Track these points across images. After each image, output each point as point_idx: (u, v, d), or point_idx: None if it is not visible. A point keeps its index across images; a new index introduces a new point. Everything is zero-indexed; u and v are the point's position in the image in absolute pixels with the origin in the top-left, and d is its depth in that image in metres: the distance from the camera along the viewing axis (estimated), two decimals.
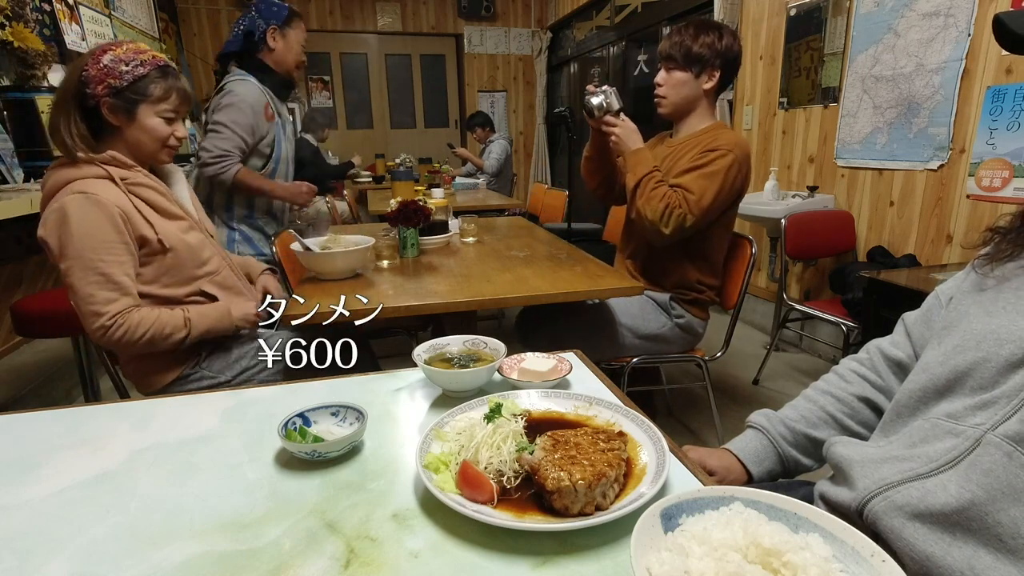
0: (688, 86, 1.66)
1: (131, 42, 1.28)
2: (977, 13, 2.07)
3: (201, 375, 1.36)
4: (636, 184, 1.59)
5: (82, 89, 1.21)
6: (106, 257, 1.18)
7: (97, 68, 1.21)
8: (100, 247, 1.17)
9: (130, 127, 1.26)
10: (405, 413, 0.83)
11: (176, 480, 0.66)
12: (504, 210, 3.57)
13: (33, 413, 0.84)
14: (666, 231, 1.54)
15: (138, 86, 1.23)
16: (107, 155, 1.24)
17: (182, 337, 1.26)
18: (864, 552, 0.42)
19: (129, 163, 1.27)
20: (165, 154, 1.33)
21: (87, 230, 1.16)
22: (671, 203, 1.53)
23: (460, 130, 7.06)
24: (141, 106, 1.25)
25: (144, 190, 1.29)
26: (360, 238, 1.68)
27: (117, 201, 1.20)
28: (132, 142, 1.28)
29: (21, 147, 2.33)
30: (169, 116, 1.29)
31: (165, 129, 1.29)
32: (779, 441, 0.82)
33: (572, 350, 1.01)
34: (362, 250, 1.58)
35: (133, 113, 1.25)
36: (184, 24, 5.86)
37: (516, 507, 0.58)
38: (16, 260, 2.70)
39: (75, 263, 1.16)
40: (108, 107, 1.23)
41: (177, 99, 1.29)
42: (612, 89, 1.66)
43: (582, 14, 5.79)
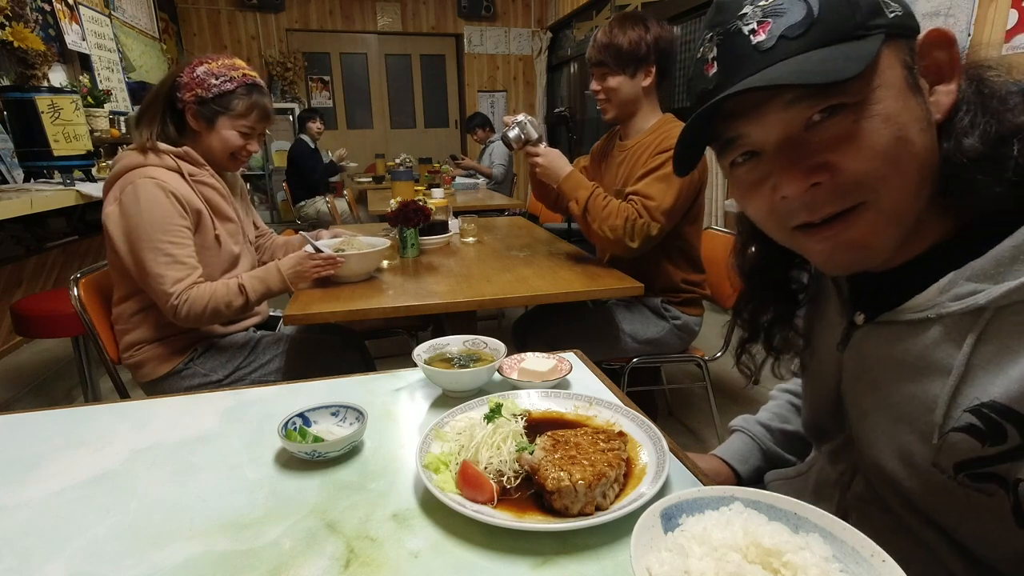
0: (626, 88, 1.58)
1: (229, 57, 1.36)
2: (977, 13, 2.07)
3: (194, 371, 1.37)
4: (583, 209, 1.52)
5: (173, 92, 1.32)
6: (174, 239, 1.24)
7: (190, 76, 1.31)
8: (169, 229, 1.24)
9: (208, 134, 1.35)
10: (405, 413, 0.83)
11: (176, 480, 0.66)
12: (504, 210, 3.57)
13: (33, 413, 0.84)
14: (633, 245, 1.48)
15: (223, 100, 1.32)
16: (182, 150, 1.33)
17: (242, 303, 1.31)
18: (864, 552, 0.42)
19: (200, 161, 1.36)
20: (233, 164, 1.42)
21: (158, 213, 1.23)
22: (629, 215, 1.46)
23: (460, 130, 7.06)
24: (221, 118, 1.34)
25: (207, 189, 1.37)
26: (375, 240, 1.65)
27: (184, 193, 1.28)
28: (206, 147, 1.37)
29: (21, 147, 2.33)
30: (245, 131, 1.37)
31: (238, 142, 1.38)
32: (760, 439, 0.85)
33: (572, 350, 1.01)
34: (378, 252, 1.53)
35: (213, 122, 1.34)
36: (184, 24, 5.87)
37: (516, 507, 0.58)
38: (16, 260, 2.70)
39: (144, 244, 1.22)
40: (192, 113, 1.33)
41: (256, 117, 1.37)
42: (528, 118, 1.58)
43: (582, 14, 5.79)
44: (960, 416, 0.47)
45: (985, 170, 0.46)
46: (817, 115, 0.46)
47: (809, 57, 0.45)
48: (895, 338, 0.53)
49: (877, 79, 0.45)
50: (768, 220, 0.53)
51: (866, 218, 0.47)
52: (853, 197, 0.47)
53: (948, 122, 0.48)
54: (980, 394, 0.46)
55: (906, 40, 0.47)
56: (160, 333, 1.35)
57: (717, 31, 0.49)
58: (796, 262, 0.66)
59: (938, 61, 0.49)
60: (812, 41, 0.45)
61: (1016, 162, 0.45)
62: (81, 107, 2.40)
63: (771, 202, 0.50)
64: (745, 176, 0.52)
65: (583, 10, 5.71)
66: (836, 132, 0.46)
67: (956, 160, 0.47)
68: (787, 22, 0.45)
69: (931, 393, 0.49)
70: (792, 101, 0.46)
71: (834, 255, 0.50)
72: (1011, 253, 0.45)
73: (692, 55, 0.54)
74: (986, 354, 0.46)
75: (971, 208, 0.49)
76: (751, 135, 0.50)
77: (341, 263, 1.41)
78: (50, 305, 1.94)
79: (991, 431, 0.45)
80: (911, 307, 0.51)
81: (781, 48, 0.45)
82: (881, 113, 0.45)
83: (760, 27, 0.46)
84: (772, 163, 0.49)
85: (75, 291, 1.30)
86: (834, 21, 0.45)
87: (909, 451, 0.52)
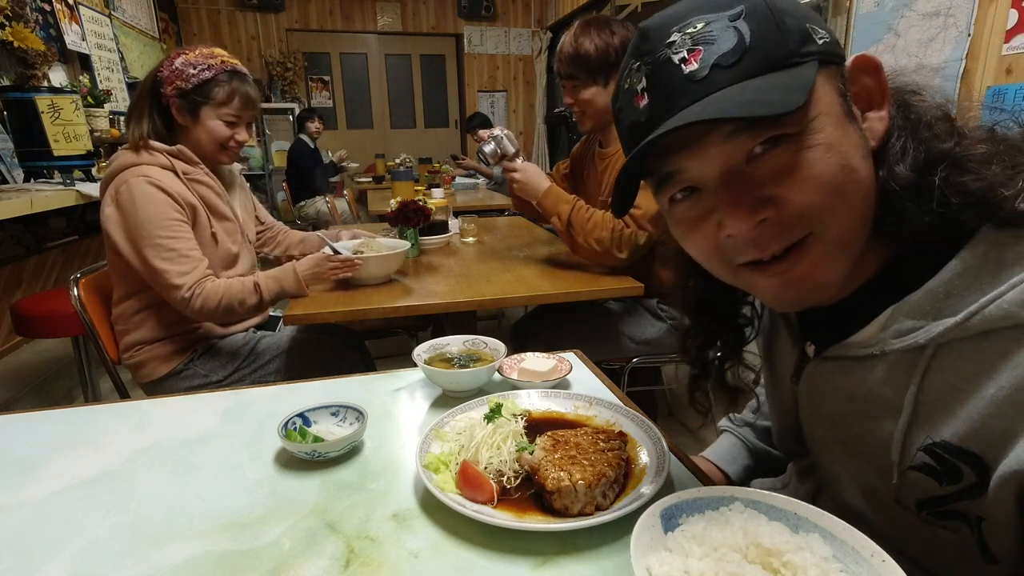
0: (600, 98, 1.52)
1: (208, 47, 1.33)
2: (977, 13, 2.07)
3: (194, 371, 1.37)
4: (567, 224, 1.48)
5: (157, 88, 1.29)
6: (173, 234, 1.24)
7: (170, 70, 1.28)
8: (167, 225, 1.23)
9: (195, 127, 1.33)
10: (405, 413, 0.83)
11: (176, 480, 0.66)
12: (504, 210, 3.57)
13: (33, 413, 0.84)
14: (622, 255, 1.45)
15: (203, 89, 1.29)
16: (176, 148, 1.31)
17: (256, 302, 1.30)
18: (864, 552, 0.42)
19: (194, 159, 1.34)
20: (224, 156, 1.39)
21: (154, 210, 1.22)
22: (616, 226, 1.43)
23: (460, 130, 7.06)
24: (204, 108, 1.31)
25: (202, 187, 1.35)
26: (395, 241, 1.64)
27: (178, 191, 1.27)
28: (195, 141, 1.34)
29: (21, 147, 2.33)
30: (230, 120, 1.34)
31: (225, 131, 1.35)
32: (745, 438, 0.85)
33: (572, 350, 1.01)
34: (398, 255, 1.49)
35: (197, 114, 1.31)
36: (184, 24, 5.87)
37: (516, 507, 0.58)
38: (16, 260, 2.70)
39: (145, 242, 1.22)
40: (176, 107, 1.30)
41: (240, 103, 1.34)
42: (504, 132, 1.55)
43: (582, 14, 5.78)
44: (915, 455, 0.46)
45: (914, 198, 0.45)
46: (759, 147, 0.44)
47: (746, 87, 0.43)
48: (845, 373, 0.53)
49: (815, 108, 0.44)
50: (712, 258, 0.51)
51: (815, 251, 0.46)
52: (800, 229, 0.45)
53: (882, 149, 0.47)
54: (931, 433, 0.45)
55: (836, 67, 0.46)
56: (160, 333, 1.35)
57: (645, 60, 0.47)
58: (740, 295, 0.64)
59: (867, 87, 0.48)
60: (746, 70, 0.43)
61: (941, 191, 0.44)
62: (81, 107, 2.40)
63: (716, 240, 0.48)
64: (686, 213, 0.50)
65: (583, 10, 5.71)
66: (779, 164, 0.44)
67: (889, 188, 0.46)
68: (719, 50, 0.43)
69: (886, 430, 0.49)
70: (732, 134, 0.44)
71: (783, 292, 0.49)
72: (944, 288, 0.45)
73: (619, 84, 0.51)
74: (932, 392, 0.45)
75: (903, 237, 0.48)
76: (690, 170, 0.47)
77: (360, 265, 1.39)
78: (50, 305, 1.94)
79: (946, 470, 0.45)
80: (856, 343, 0.51)
81: (715, 77, 0.44)
82: (823, 142, 0.43)
83: (691, 56, 0.44)
84: (715, 199, 0.47)
85: (75, 291, 1.30)
86: (767, 49, 0.43)
87: (871, 487, 0.52)
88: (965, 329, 0.43)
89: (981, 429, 0.42)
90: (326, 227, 2.08)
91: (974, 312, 0.42)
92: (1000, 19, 1.98)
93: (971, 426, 0.43)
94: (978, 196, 0.43)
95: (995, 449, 0.42)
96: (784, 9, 0.44)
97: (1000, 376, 0.41)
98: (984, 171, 0.44)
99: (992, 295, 0.42)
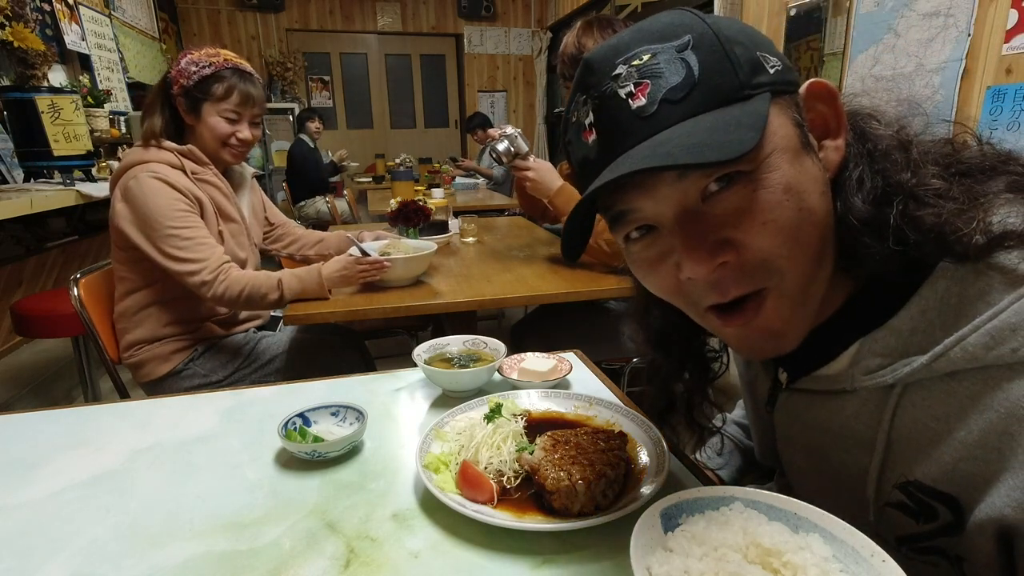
0: None
1: (214, 47, 1.35)
2: (977, 13, 2.07)
3: (193, 371, 1.37)
4: None
5: (167, 89, 1.33)
6: (185, 223, 1.25)
7: (176, 70, 1.31)
8: (177, 216, 1.25)
9: (199, 125, 1.34)
10: (405, 413, 0.83)
11: (176, 480, 0.66)
12: (504, 210, 3.57)
13: (33, 413, 0.84)
14: None
15: (203, 85, 1.31)
16: (187, 148, 1.33)
17: (276, 298, 1.31)
18: (864, 552, 0.42)
19: (204, 160, 1.36)
20: (227, 153, 1.39)
21: (163, 203, 1.24)
22: None
23: (460, 130, 7.06)
24: (204, 105, 1.32)
25: (210, 188, 1.36)
26: (420, 243, 1.61)
27: (186, 186, 1.29)
28: (201, 140, 1.35)
29: (21, 147, 2.33)
30: (229, 116, 1.35)
31: (226, 128, 1.35)
32: (737, 438, 0.85)
33: (572, 350, 1.01)
34: (426, 256, 1.46)
35: (199, 111, 1.33)
36: (184, 24, 5.86)
37: (516, 507, 0.58)
38: (16, 260, 2.70)
39: (158, 234, 1.23)
40: (182, 106, 1.32)
41: (238, 99, 1.34)
42: (517, 131, 1.54)
43: (582, 14, 5.78)
44: (891, 492, 0.46)
45: (872, 233, 0.43)
46: (714, 184, 0.43)
47: (697, 124, 0.41)
48: (818, 406, 0.52)
49: (770, 143, 0.42)
50: (677, 299, 0.49)
51: (773, 303, 0.45)
52: (758, 280, 0.44)
53: (838, 178, 0.45)
54: (905, 471, 0.45)
55: (790, 96, 0.44)
56: (161, 332, 1.35)
57: (591, 93, 0.45)
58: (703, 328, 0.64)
59: (823, 115, 0.46)
60: (696, 105, 0.41)
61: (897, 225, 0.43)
62: (81, 107, 2.40)
63: (676, 281, 0.46)
64: (643, 253, 0.48)
65: (583, 10, 5.71)
66: (735, 205, 0.42)
67: (848, 221, 0.44)
68: (667, 84, 0.41)
69: (861, 464, 0.48)
70: (684, 173, 0.42)
71: (746, 342, 0.48)
72: (908, 325, 0.44)
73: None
74: (904, 429, 0.45)
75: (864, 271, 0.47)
76: (644, 209, 0.45)
77: (388, 267, 1.37)
78: (50, 305, 1.94)
79: (921, 509, 0.44)
80: (827, 376, 0.50)
81: (664, 113, 0.42)
82: (780, 182, 0.41)
83: (638, 90, 0.42)
84: (672, 239, 0.45)
85: (75, 291, 1.30)
86: (716, 83, 0.41)
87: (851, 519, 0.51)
88: (932, 370, 0.42)
89: (953, 471, 0.42)
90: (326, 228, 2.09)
91: (939, 354, 0.42)
92: (1000, 19, 1.98)
93: (943, 468, 0.42)
94: (936, 232, 0.42)
95: (969, 492, 0.41)
96: (732, 38, 0.42)
97: (969, 419, 0.41)
98: (940, 205, 0.42)
99: (956, 337, 0.41)
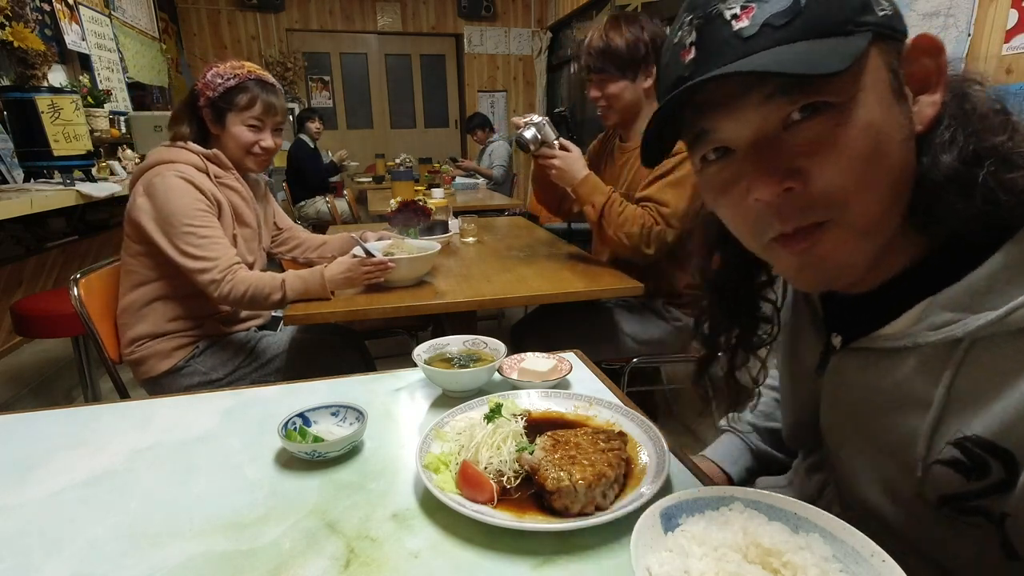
0: (628, 93, 1.54)
1: (239, 60, 1.40)
2: (977, 13, 2.07)
3: (194, 369, 1.38)
4: (600, 214, 1.49)
5: (194, 101, 1.38)
6: (203, 222, 1.29)
7: (203, 82, 1.36)
8: (196, 215, 1.28)
9: (223, 134, 1.39)
10: (405, 413, 0.83)
11: (176, 480, 0.66)
12: (504, 210, 3.57)
13: (33, 413, 0.84)
14: (650, 252, 1.47)
15: (227, 96, 1.36)
16: (212, 152, 1.38)
17: (279, 298, 1.33)
18: (864, 552, 0.42)
19: (227, 164, 1.40)
20: (251, 161, 1.44)
21: (184, 202, 1.28)
22: (646, 222, 1.45)
23: (460, 130, 7.06)
24: (229, 115, 1.37)
25: (231, 193, 1.41)
26: (424, 243, 1.62)
27: (208, 188, 1.33)
28: (225, 148, 1.40)
29: (21, 147, 2.33)
30: (253, 124, 1.39)
31: (250, 137, 1.40)
32: (747, 437, 0.84)
33: (572, 350, 1.01)
34: (430, 256, 1.46)
35: (223, 121, 1.38)
36: (184, 24, 5.86)
37: (516, 507, 0.58)
38: (16, 260, 2.70)
39: (176, 231, 1.27)
40: (208, 117, 1.38)
41: (261, 108, 1.39)
42: (544, 119, 1.54)
43: (582, 14, 5.79)
44: (943, 449, 0.46)
45: (958, 191, 0.44)
46: (797, 113, 0.43)
47: (792, 48, 0.42)
48: (873, 365, 0.52)
49: (863, 80, 0.42)
50: (743, 225, 0.50)
51: (835, 235, 0.45)
52: (822, 213, 0.44)
53: (928, 135, 0.46)
54: (962, 427, 0.44)
55: (894, 43, 0.45)
56: (164, 328, 1.36)
57: (697, 14, 0.46)
58: (763, 279, 0.63)
59: (925, 68, 0.46)
60: (796, 32, 0.42)
61: (987, 186, 0.43)
62: (81, 107, 2.39)
63: (745, 205, 0.47)
64: (716, 175, 0.49)
65: (583, 10, 5.71)
66: (814, 135, 0.43)
67: (933, 177, 0.44)
68: (772, 9, 0.42)
69: (911, 425, 0.48)
70: (771, 95, 0.43)
71: (803, 270, 0.48)
72: (986, 283, 0.44)
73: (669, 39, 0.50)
74: (965, 386, 0.45)
75: (943, 229, 0.47)
76: (724, 130, 0.46)
77: (393, 267, 1.38)
78: (50, 305, 1.94)
79: (975, 465, 0.44)
80: (887, 335, 0.50)
81: (765, 36, 0.42)
82: (863, 120, 0.42)
83: (743, 12, 0.43)
84: (744, 163, 0.46)
85: (75, 291, 1.30)
86: (821, 13, 0.42)
87: (893, 483, 0.51)
88: (1005, 324, 0.42)
89: (1015, 426, 0.41)
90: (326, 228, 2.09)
91: (1016, 307, 0.41)
92: (1000, 19, 1.98)
93: (1005, 422, 0.42)
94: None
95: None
96: None
97: None
98: None
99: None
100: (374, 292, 1.41)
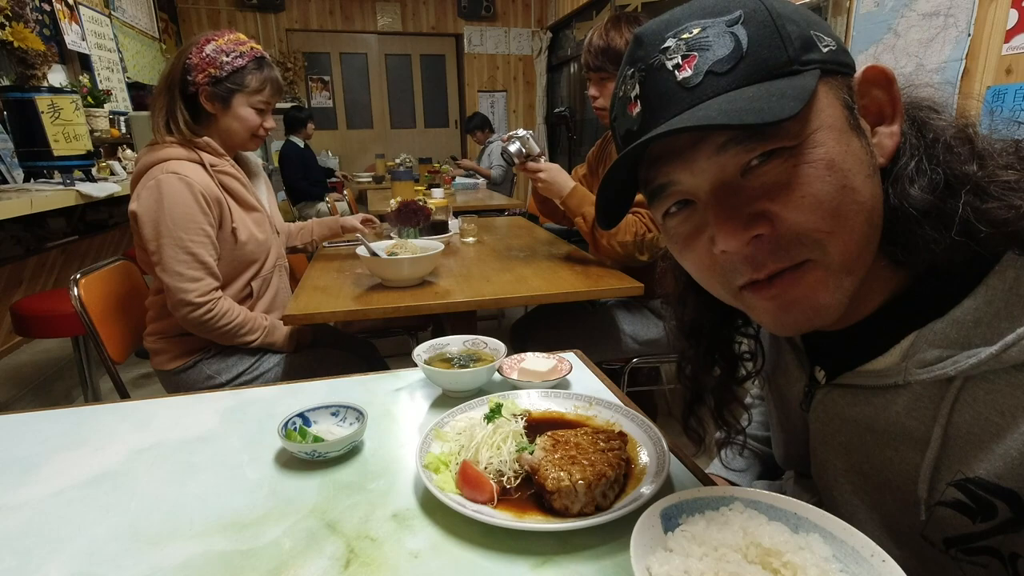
0: None
1: (232, 32, 1.33)
2: (977, 13, 2.07)
3: (200, 369, 1.38)
4: (592, 225, 1.51)
5: (184, 76, 1.28)
6: (195, 238, 1.25)
7: (200, 57, 1.27)
8: (190, 227, 1.24)
9: (225, 115, 1.32)
10: (405, 413, 0.83)
11: (176, 480, 0.66)
12: (504, 210, 3.57)
13: (33, 413, 0.84)
14: (643, 258, 1.48)
15: (236, 77, 1.29)
16: (203, 141, 1.31)
17: (252, 340, 1.33)
18: (864, 552, 0.42)
19: (220, 151, 1.34)
20: (253, 143, 1.40)
21: (181, 210, 1.23)
22: (638, 230, 1.46)
23: (460, 130, 7.05)
24: (237, 96, 1.31)
25: (228, 179, 1.35)
26: (428, 242, 1.62)
27: (206, 186, 1.28)
28: (224, 129, 1.34)
29: (21, 147, 2.33)
30: (261, 107, 1.35)
31: (256, 119, 1.36)
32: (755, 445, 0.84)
33: (572, 350, 1.01)
34: (432, 256, 1.44)
35: (229, 102, 1.31)
36: (184, 24, 5.86)
37: (516, 507, 0.58)
38: (16, 260, 2.70)
39: (167, 240, 1.23)
40: (206, 95, 1.29)
41: (271, 91, 1.35)
42: (528, 133, 1.57)
43: (582, 14, 5.78)
44: (945, 490, 0.45)
45: (932, 223, 0.42)
46: (755, 159, 0.42)
47: (740, 94, 0.40)
48: (862, 402, 0.50)
49: (816, 120, 0.41)
50: (710, 278, 0.48)
51: (814, 275, 0.43)
52: (798, 253, 0.43)
53: (892, 166, 0.45)
54: (963, 467, 0.44)
55: (843, 77, 0.44)
56: (177, 331, 1.37)
57: (639, 67, 0.45)
58: (738, 323, 0.61)
59: (878, 101, 0.45)
60: (741, 78, 0.41)
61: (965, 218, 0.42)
62: (81, 107, 2.39)
63: (710, 257, 0.46)
64: (679, 227, 0.48)
65: (583, 10, 5.70)
66: (774, 178, 0.42)
67: (905, 210, 0.43)
68: (713, 56, 0.41)
69: (910, 462, 0.47)
70: (725, 145, 0.42)
71: (782, 315, 0.46)
72: (973, 316, 0.43)
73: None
74: (963, 425, 0.44)
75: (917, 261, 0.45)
76: (682, 182, 0.45)
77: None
78: (50, 305, 1.94)
79: (980, 507, 0.43)
80: (874, 371, 0.49)
81: (709, 85, 0.41)
82: (823, 158, 0.41)
83: (685, 62, 0.42)
84: (707, 213, 0.45)
85: (75, 291, 1.30)
86: (764, 56, 0.41)
87: (894, 520, 0.50)
88: (1000, 361, 0.41)
89: (1019, 465, 0.41)
90: None
91: (1010, 344, 0.41)
92: (1000, 19, 1.98)
93: (1008, 462, 0.41)
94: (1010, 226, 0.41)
95: None
96: (785, 15, 0.42)
97: None
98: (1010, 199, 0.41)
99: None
100: (374, 292, 1.41)
